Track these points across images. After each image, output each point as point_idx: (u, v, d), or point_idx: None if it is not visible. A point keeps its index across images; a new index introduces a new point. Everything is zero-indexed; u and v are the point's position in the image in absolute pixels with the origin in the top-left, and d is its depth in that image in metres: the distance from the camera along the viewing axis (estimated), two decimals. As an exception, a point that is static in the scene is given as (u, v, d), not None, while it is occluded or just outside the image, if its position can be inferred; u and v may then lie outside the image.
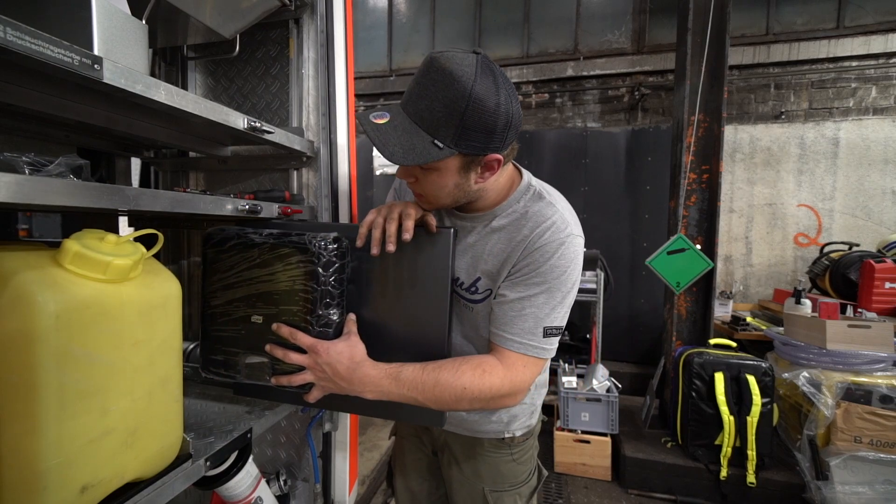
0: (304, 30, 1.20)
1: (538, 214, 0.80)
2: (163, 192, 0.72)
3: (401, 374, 0.76)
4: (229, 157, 1.28)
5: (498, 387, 0.76)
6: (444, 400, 0.75)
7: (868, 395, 1.98)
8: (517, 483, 0.98)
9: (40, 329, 0.51)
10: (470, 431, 0.96)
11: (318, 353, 0.75)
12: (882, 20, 3.42)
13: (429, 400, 0.75)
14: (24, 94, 0.72)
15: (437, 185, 0.76)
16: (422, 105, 0.68)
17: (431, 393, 0.75)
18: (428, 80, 0.68)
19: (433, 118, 0.68)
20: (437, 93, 0.67)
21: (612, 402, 2.47)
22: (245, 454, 0.91)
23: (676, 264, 2.44)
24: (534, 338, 0.78)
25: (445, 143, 0.68)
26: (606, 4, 4.00)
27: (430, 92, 0.67)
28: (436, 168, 0.73)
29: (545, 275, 0.77)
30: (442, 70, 0.66)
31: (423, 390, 0.75)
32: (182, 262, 1.40)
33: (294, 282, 0.78)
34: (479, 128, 0.68)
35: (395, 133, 0.69)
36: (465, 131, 0.68)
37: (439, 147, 0.68)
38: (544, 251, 0.77)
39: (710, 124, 2.50)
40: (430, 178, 0.75)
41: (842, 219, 3.48)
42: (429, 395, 0.75)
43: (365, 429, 2.77)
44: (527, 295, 0.78)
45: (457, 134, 0.68)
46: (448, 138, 0.68)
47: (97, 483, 0.58)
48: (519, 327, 0.78)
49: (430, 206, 0.83)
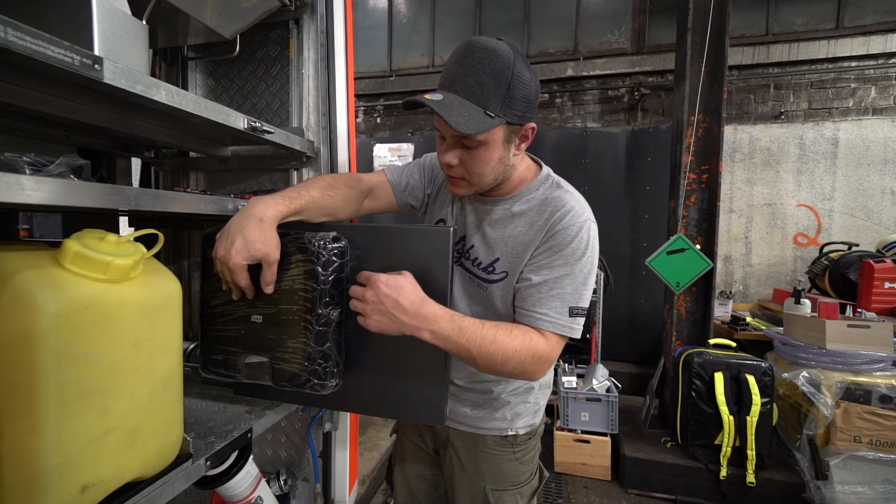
0: (304, 30, 1.20)
1: (557, 200, 0.85)
2: (163, 192, 0.73)
3: (462, 323, 0.75)
4: (229, 157, 1.29)
5: (539, 353, 0.79)
6: (493, 358, 0.76)
7: (867, 394, 1.98)
8: (519, 483, 0.98)
9: (41, 329, 0.51)
10: (474, 428, 0.97)
11: (378, 284, 0.73)
12: (881, 20, 3.43)
13: (480, 355, 0.75)
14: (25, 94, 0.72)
15: (484, 160, 0.79)
16: (471, 81, 0.73)
17: (486, 349, 0.75)
18: (472, 59, 0.74)
19: (483, 91, 0.73)
20: (484, 67, 0.73)
21: (612, 402, 2.48)
22: (245, 454, 0.91)
23: (676, 264, 2.44)
24: (562, 317, 0.81)
25: (495, 112, 0.74)
26: (606, 4, 4.00)
27: (477, 68, 0.73)
28: (484, 141, 0.77)
29: (567, 257, 0.81)
30: (485, 48, 0.74)
31: (480, 345, 0.75)
32: (182, 262, 1.41)
33: (294, 281, 0.78)
34: (520, 96, 0.75)
35: (453, 108, 0.73)
36: (510, 100, 0.74)
37: (491, 117, 0.73)
38: (565, 234, 0.82)
39: (709, 124, 2.51)
40: (477, 154, 0.79)
41: (841, 219, 3.49)
42: (482, 351, 0.75)
43: (365, 428, 2.77)
44: (552, 277, 0.81)
45: (504, 103, 0.74)
46: (497, 108, 0.74)
47: (97, 483, 0.58)
48: (548, 307, 0.81)
49: (470, 187, 0.85)
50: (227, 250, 0.72)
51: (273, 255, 0.74)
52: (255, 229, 0.72)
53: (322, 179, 0.91)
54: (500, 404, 0.96)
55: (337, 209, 0.89)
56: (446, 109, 0.71)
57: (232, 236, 0.72)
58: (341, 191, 0.90)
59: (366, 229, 0.84)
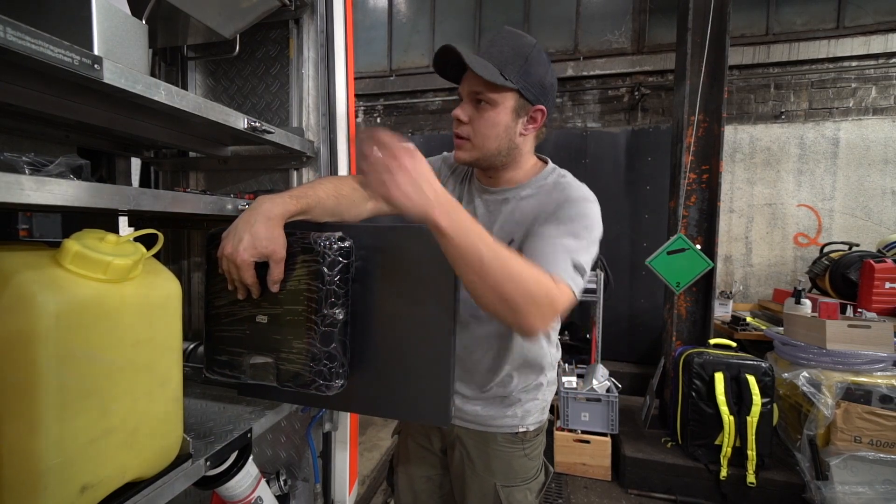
0: (304, 30, 1.20)
1: (565, 184, 0.90)
2: (163, 192, 0.73)
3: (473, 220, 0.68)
4: (229, 157, 1.28)
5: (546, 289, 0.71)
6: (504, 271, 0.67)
7: (868, 394, 1.98)
8: (528, 478, 0.99)
9: (40, 329, 0.51)
10: (485, 426, 0.97)
11: (387, 145, 0.63)
12: (882, 20, 3.43)
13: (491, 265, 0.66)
14: (24, 94, 0.72)
15: (492, 122, 0.85)
16: (494, 50, 0.84)
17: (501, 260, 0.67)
18: (498, 37, 0.85)
19: (503, 57, 0.83)
20: (506, 42, 0.84)
21: (612, 402, 2.47)
22: (245, 454, 0.91)
23: (676, 264, 2.44)
24: (567, 266, 0.77)
25: (510, 77, 0.82)
26: (606, 4, 4.00)
27: (500, 43, 0.84)
28: (494, 102, 0.84)
29: (573, 220, 0.82)
30: (512, 32, 0.86)
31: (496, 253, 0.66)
32: (182, 262, 1.40)
33: (299, 281, 0.78)
34: (536, 74, 0.84)
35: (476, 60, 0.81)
36: (525, 73, 0.83)
37: (505, 78, 0.82)
38: (571, 203, 0.85)
39: (709, 124, 2.50)
40: (486, 114, 0.85)
41: (842, 219, 3.49)
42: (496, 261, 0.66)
43: (365, 429, 2.77)
44: (557, 233, 0.81)
45: (520, 73, 0.83)
46: (513, 75, 0.82)
47: (97, 483, 0.58)
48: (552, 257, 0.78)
49: (473, 151, 0.88)
50: (234, 247, 0.73)
51: (280, 252, 0.75)
52: (262, 226, 0.73)
53: (327, 181, 0.92)
54: (511, 402, 0.97)
55: (342, 210, 0.89)
56: (470, 59, 0.80)
57: (240, 233, 0.73)
58: (346, 192, 0.90)
59: (371, 229, 0.84)
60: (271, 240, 0.73)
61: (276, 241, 0.74)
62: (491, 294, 0.69)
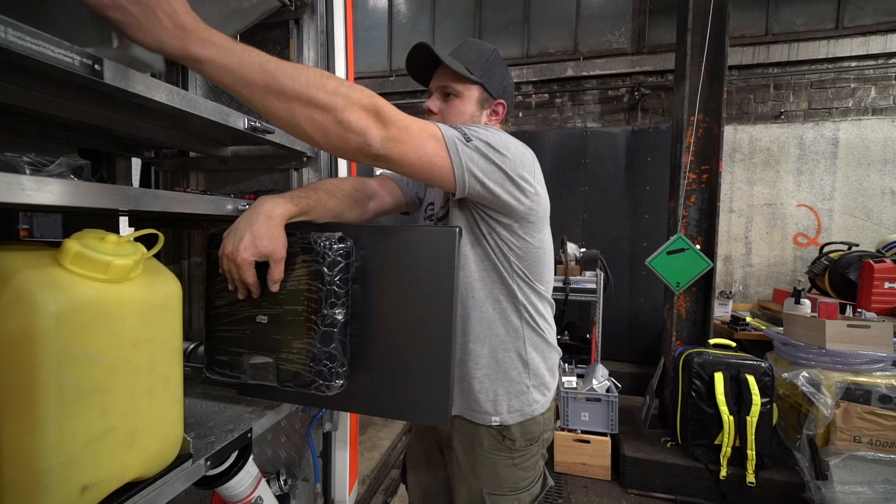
0: (304, 30, 1.20)
1: None
2: (163, 192, 0.73)
3: (236, 45, 0.60)
4: (229, 157, 1.28)
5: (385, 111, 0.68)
6: (297, 81, 0.61)
7: (867, 394, 1.98)
8: (517, 489, 0.96)
9: (40, 329, 0.51)
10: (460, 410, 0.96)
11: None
12: (881, 20, 3.43)
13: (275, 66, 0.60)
14: (25, 94, 0.72)
15: (459, 111, 0.95)
16: (459, 53, 0.97)
17: (289, 68, 0.61)
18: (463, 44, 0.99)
19: (467, 57, 0.96)
20: (470, 47, 0.98)
21: (612, 402, 2.48)
22: (245, 454, 0.91)
23: (676, 264, 2.44)
24: (453, 133, 0.78)
25: (474, 73, 0.94)
26: (606, 4, 4.00)
27: (465, 48, 0.98)
28: (460, 94, 0.95)
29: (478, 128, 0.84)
30: (474, 40, 1.00)
31: (271, 59, 0.60)
32: (182, 262, 1.40)
33: (299, 281, 0.78)
34: (497, 75, 0.97)
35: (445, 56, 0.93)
36: (488, 71, 0.95)
37: (470, 72, 0.93)
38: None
39: (709, 124, 2.51)
40: (454, 104, 0.95)
41: (841, 219, 3.49)
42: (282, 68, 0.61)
43: (365, 428, 2.77)
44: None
45: (483, 70, 0.95)
46: (477, 71, 0.94)
47: (97, 483, 0.58)
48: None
49: None
50: (235, 247, 0.73)
51: (281, 252, 0.75)
52: (263, 226, 0.73)
53: (328, 182, 0.92)
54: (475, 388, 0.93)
55: (343, 211, 0.90)
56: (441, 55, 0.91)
57: (240, 233, 0.73)
58: (347, 192, 0.91)
59: (371, 230, 0.84)
60: (272, 239, 0.74)
61: (277, 241, 0.74)
62: (298, 104, 0.62)
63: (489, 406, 0.94)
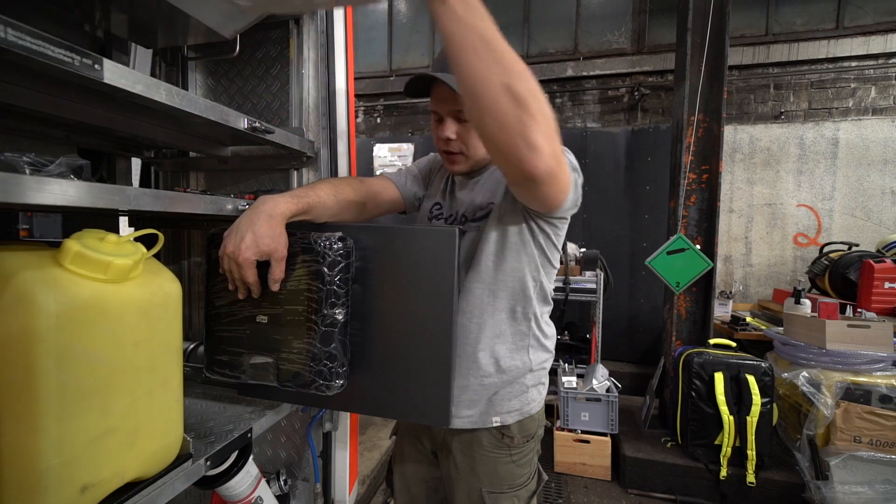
0: (304, 30, 1.20)
1: None
2: (163, 192, 0.73)
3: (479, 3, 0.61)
4: (229, 157, 1.28)
5: (552, 122, 0.65)
6: (511, 60, 0.60)
7: (867, 394, 1.98)
8: (515, 485, 0.97)
9: (41, 329, 0.51)
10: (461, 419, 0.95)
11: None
12: (881, 20, 3.43)
13: (498, 45, 0.60)
14: (24, 94, 0.72)
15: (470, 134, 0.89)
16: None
17: (509, 48, 0.60)
18: None
19: None
20: None
21: (612, 402, 2.48)
22: (245, 454, 0.91)
23: (676, 264, 2.44)
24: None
25: None
26: (606, 4, 4.00)
27: None
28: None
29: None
30: None
31: (501, 37, 0.60)
32: (182, 262, 1.41)
33: (299, 281, 0.78)
34: None
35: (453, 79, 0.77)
36: None
37: None
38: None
39: (709, 124, 2.51)
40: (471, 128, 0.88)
41: (841, 219, 3.49)
42: (502, 43, 0.60)
43: (365, 428, 2.77)
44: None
45: None
46: None
47: (98, 482, 0.58)
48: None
49: (467, 161, 0.93)
50: (236, 246, 0.73)
51: (282, 251, 0.75)
52: (264, 225, 0.73)
53: (327, 182, 0.93)
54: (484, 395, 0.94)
55: (342, 210, 0.90)
56: (448, 78, 0.80)
57: (241, 232, 0.73)
58: (346, 192, 0.91)
59: (371, 230, 0.84)
60: (273, 238, 0.74)
61: (278, 240, 0.75)
62: (497, 83, 0.60)
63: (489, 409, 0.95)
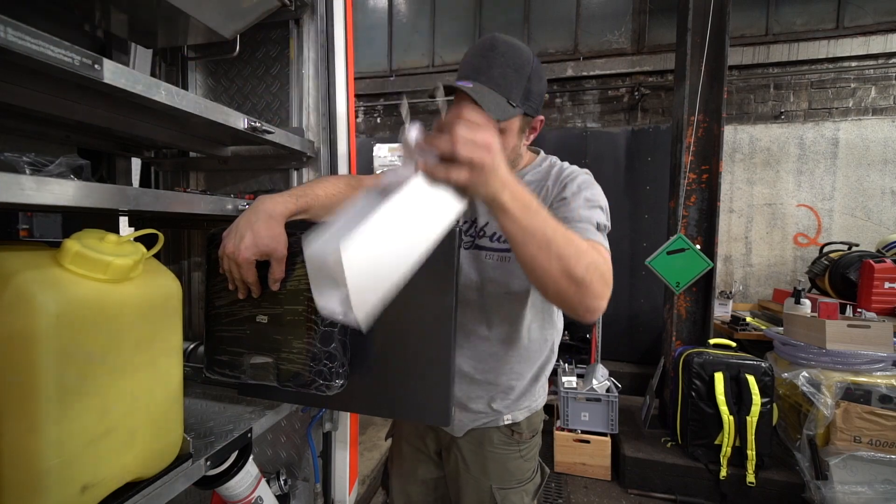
0: (304, 30, 1.20)
1: (561, 166, 0.94)
2: (163, 192, 0.73)
3: (534, 201, 0.65)
4: (229, 157, 1.28)
5: (603, 255, 0.71)
6: (570, 245, 0.65)
7: (867, 394, 1.98)
8: (523, 480, 0.99)
9: (41, 329, 0.51)
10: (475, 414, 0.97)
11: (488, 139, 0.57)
12: (881, 20, 3.43)
13: (556, 240, 0.64)
14: (24, 94, 0.72)
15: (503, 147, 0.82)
16: (495, 73, 0.80)
17: (562, 234, 0.65)
18: (496, 52, 0.81)
19: (506, 82, 0.80)
20: (507, 60, 0.80)
21: (612, 402, 2.48)
22: (245, 454, 0.91)
23: (676, 264, 2.44)
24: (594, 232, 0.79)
25: (516, 102, 0.81)
26: (606, 4, 4.00)
27: (501, 61, 0.80)
28: (504, 129, 0.83)
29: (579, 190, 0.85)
30: (508, 43, 0.82)
31: (556, 227, 0.64)
32: (182, 262, 1.40)
33: (299, 281, 0.78)
34: (536, 91, 0.84)
35: (484, 95, 0.78)
36: (528, 93, 0.82)
37: (513, 106, 0.81)
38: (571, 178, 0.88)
39: (709, 124, 2.51)
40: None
41: (841, 219, 3.49)
42: (558, 235, 0.64)
43: (365, 428, 2.77)
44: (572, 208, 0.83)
45: (524, 95, 0.82)
46: (518, 99, 0.81)
47: (97, 483, 0.58)
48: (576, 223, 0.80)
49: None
50: (236, 246, 0.73)
51: (282, 250, 0.75)
52: (264, 225, 0.73)
53: (325, 180, 0.92)
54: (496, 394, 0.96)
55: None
56: (479, 96, 0.77)
57: (241, 232, 0.73)
58: (343, 190, 0.91)
59: None
60: (273, 238, 0.74)
61: (278, 240, 0.75)
62: (556, 271, 0.64)
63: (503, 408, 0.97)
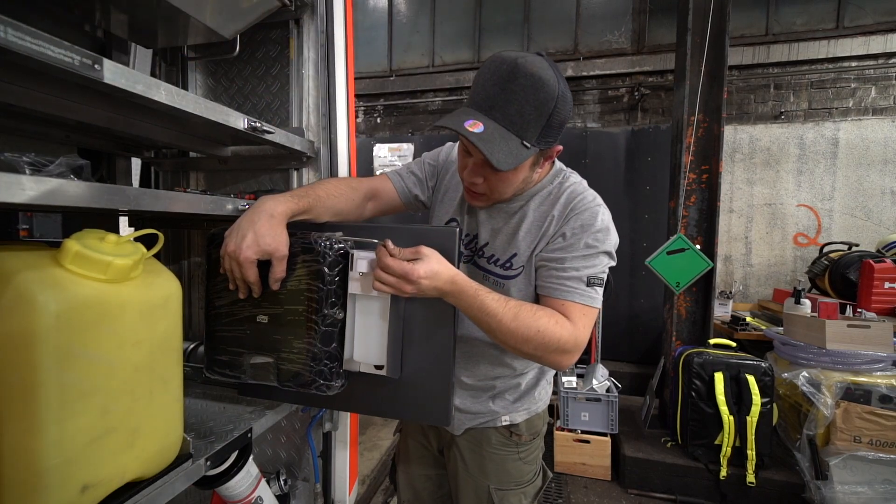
0: (304, 30, 1.20)
1: (570, 191, 0.88)
2: (163, 192, 0.73)
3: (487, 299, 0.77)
4: (229, 157, 1.28)
5: (565, 340, 0.78)
6: (516, 336, 0.77)
7: (867, 394, 1.98)
8: (523, 482, 0.99)
9: (41, 329, 0.51)
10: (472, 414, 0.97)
11: (420, 281, 0.73)
12: (881, 20, 3.42)
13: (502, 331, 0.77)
14: (25, 94, 0.72)
15: (508, 181, 0.82)
16: (511, 110, 0.72)
17: (508, 325, 0.76)
18: (517, 85, 0.71)
19: (523, 121, 0.73)
20: (528, 97, 0.72)
21: (612, 402, 2.48)
22: (245, 454, 0.91)
23: (676, 264, 2.44)
24: (581, 288, 0.82)
25: (531, 142, 0.75)
26: (606, 4, 4.00)
27: (520, 97, 0.72)
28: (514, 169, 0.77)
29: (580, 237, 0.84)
30: (531, 76, 0.71)
31: (502, 320, 0.76)
32: (182, 262, 1.41)
33: (300, 281, 0.78)
34: (557, 124, 0.76)
35: (494, 141, 0.72)
36: (547, 129, 0.75)
37: (527, 147, 0.74)
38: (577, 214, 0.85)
39: (709, 124, 2.51)
40: (503, 176, 0.80)
41: (841, 219, 3.49)
42: (504, 327, 0.76)
43: (365, 428, 2.77)
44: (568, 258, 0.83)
45: (541, 133, 0.75)
46: (533, 138, 0.75)
47: (98, 482, 0.58)
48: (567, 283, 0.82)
49: (488, 202, 0.88)
50: (237, 245, 0.73)
51: (283, 250, 0.75)
52: (265, 224, 0.74)
53: (327, 182, 0.93)
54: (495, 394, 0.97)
55: (342, 210, 0.90)
56: (487, 145, 0.71)
57: (242, 231, 0.73)
58: (345, 192, 0.91)
59: (372, 230, 0.84)
60: (274, 237, 0.74)
61: (279, 239, 0.75)
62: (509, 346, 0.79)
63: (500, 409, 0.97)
